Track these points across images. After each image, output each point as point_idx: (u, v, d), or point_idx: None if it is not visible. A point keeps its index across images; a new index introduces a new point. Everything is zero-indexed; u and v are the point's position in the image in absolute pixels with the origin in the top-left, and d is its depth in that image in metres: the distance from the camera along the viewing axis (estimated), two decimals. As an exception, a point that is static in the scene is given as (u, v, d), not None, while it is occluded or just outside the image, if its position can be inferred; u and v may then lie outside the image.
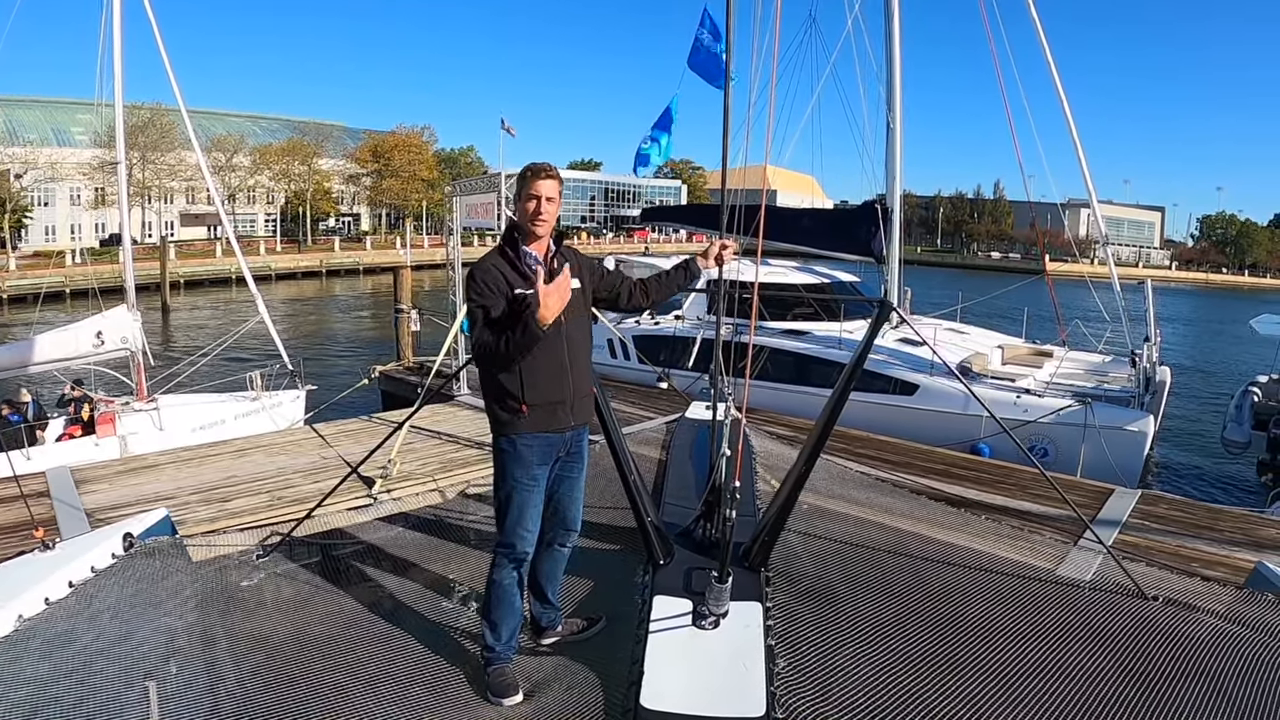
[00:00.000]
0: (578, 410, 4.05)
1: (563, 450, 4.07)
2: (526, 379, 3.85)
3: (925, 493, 7.77)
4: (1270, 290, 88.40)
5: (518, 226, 4.00)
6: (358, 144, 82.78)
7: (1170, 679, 3.96)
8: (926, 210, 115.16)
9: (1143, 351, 11.76)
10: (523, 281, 3.86)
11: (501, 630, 4.03)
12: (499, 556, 4.04)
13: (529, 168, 3.98)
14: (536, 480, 3.98)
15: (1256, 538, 7.19)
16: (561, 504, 4.18)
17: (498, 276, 3.87)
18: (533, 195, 3.92)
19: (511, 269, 3.91)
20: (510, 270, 3.90)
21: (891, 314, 12.70)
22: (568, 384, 3.96)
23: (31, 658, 4.00)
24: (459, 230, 11.86)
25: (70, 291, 34.34)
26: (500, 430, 3.96)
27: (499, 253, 3.99)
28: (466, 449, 9.30)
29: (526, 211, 3.93)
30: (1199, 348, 37.63)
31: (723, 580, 3.95)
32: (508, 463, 3.96)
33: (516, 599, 4.09)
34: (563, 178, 4.08)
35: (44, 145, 62.80)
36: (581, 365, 4.05)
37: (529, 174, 3.96)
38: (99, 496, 7.70)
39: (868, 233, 14.37)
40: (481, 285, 3.85)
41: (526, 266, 3.92)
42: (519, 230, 3.99)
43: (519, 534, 3.99)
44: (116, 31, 13.06)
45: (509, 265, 3.92)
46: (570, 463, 4.14)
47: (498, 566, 4.04)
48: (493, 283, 3.85)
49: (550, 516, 4.15)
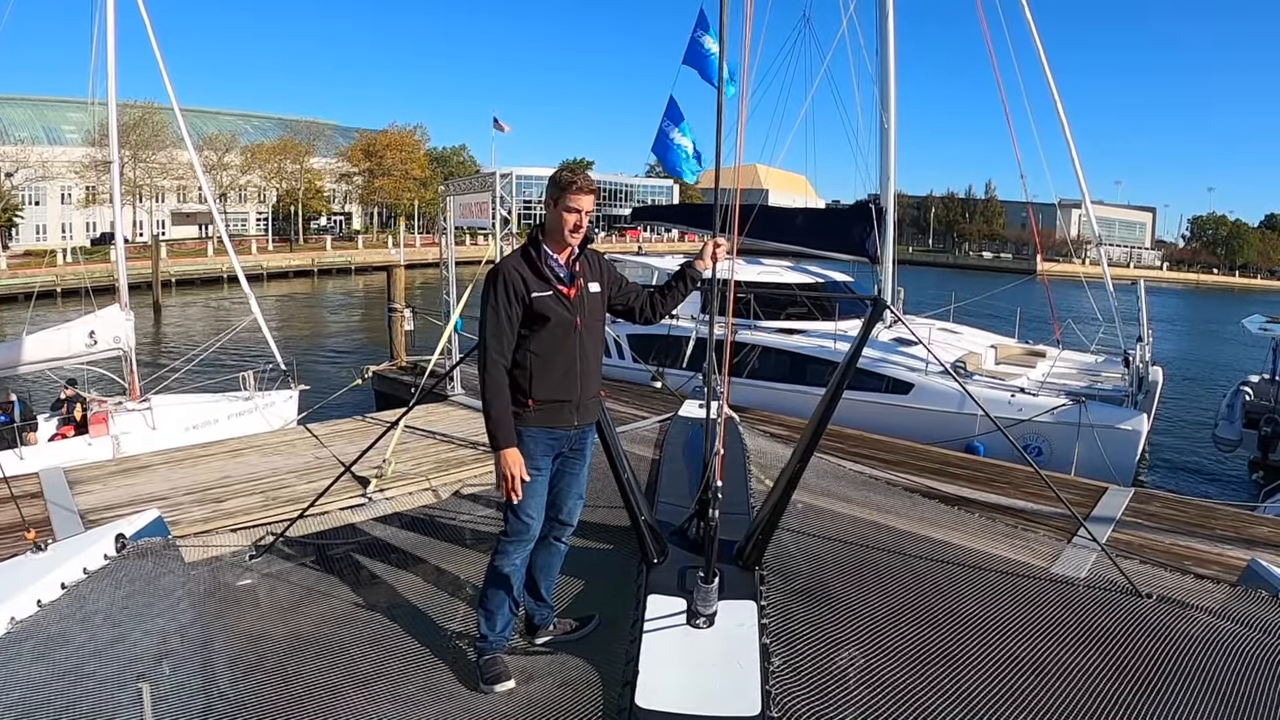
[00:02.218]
0: (584, 411, 4.10)
1: (566, 446, 4.12)
2: (536, 376, 3.91)
3: (920, 491, 7.79)
4: (1261, 291, 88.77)
5: (546, 230, 4.00)
6: (350, 143, 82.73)
7: (1164, 676, 3.97)
8: (918, 210, 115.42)
9: (1135, 351, 11.81)
10: (541, 284, 3.90)
11: (497, 619, 4.09)
12: (502, 543, 4.07)
13: (568, 178, 3.95)
14: (540, 470, 4.00)
15: (1248, 535, 7.23)
16: (559, 497, 4.21)
17: (518, 280, 3.88)
18: (573, 209, 3.91)
19: (532, 271, 3.93)
20: (530, 273, 3.92)
21: (886, 313, 12.73)
22: (577, 385, 4.00)
23: (24, 660, 3.97)
24: (452, 229, 11.83)
25: (62, 291, 34.23)
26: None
27: (522, 254, 3.99)
28: (461, 448, 9.29)
29: (564, 224, 3.92)
30: (1190, 348, 37.77)
31: (709, 580, 3.96)
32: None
33: (514, 588, 4.12)
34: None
35: (35, 144, 62.50)
36: (592, 368, 4.08)
37: (569, 185, 3.92)
38: (93, 497, 7.68)
39: (861, 232, 14.40)
40: (501, 293, 3.86)
41: (548, 269, 3.94)
42: (545, 232, 4.00)
43: (522, 519, 4.01)
44: (110, 29, 13.02)
45: (529, 267, 3.93)
46: (573, 459, 4.19)
47: (500, 553, 4.07)
48: (513, 290, 3.86)
49: (547, 510, 4.16)
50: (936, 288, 30.10)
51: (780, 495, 4.67)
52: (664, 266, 16.25)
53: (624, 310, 4.38)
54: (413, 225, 79.09)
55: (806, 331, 13.81)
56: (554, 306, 3.92)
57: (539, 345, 3.91)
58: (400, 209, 79.81)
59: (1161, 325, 34.42)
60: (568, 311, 3.96)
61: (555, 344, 3.93)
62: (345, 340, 31.80)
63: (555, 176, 3.98)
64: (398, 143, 79.52)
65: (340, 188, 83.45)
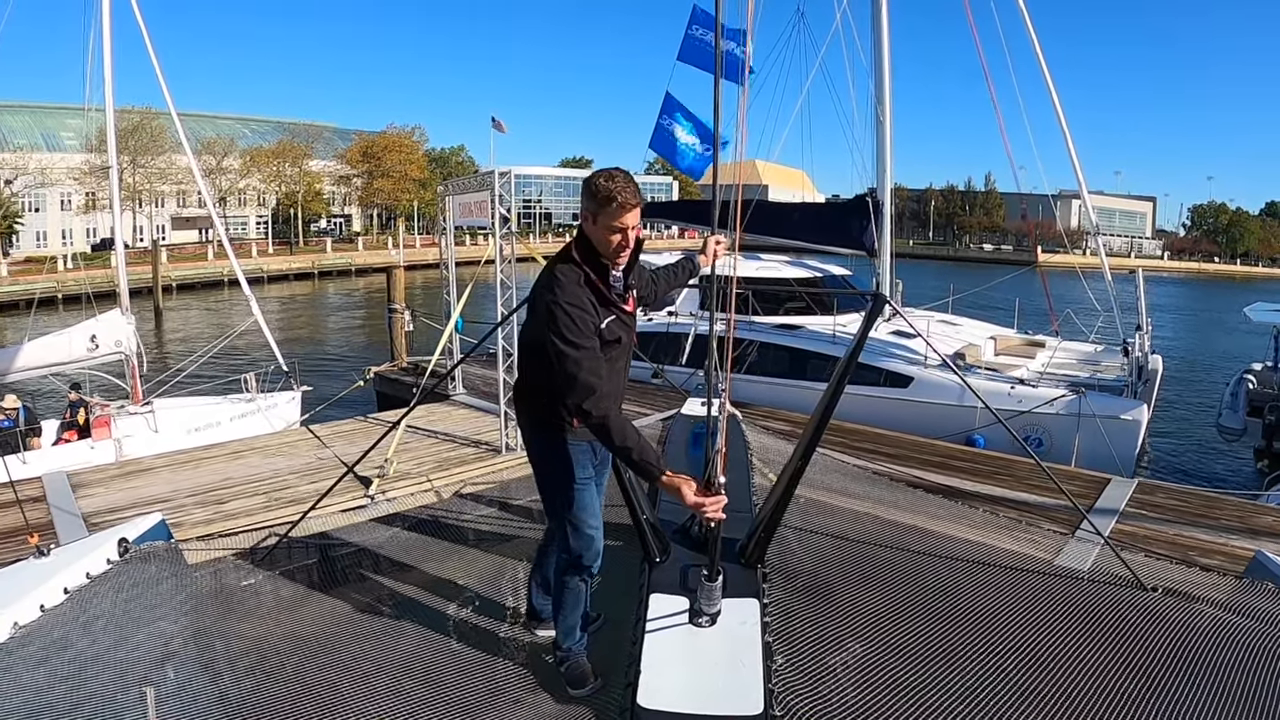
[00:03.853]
0: None
1: (600, 457, 3.94)
2: None
3: (922, 485, 7.78)
4: (1262, 279, 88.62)
5: (589, 245, 3.53)
6: (348, 145, 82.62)
7: (1170, 670, 3.95)
8: (917, 203, 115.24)
9: (1135, 341, 11.79)
10: (606, 310, 3.50)
11: (576, 630, 4.01)
12: (571, 562, 3.93)
13: (613, 193, 3.39)
14: (590, 478, 3.85)
15: (1253, 525, 7.23)
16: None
17: (588, 308, 3.42)
18: (617, 227, 3.43)
19: (597, 297, 3.49)
20: (596, 300, 3.48)
21: (885, 306, 12.72)
22: (618, 398, 3.74)
23: (27, 664, 3.97)
24: (452, 229, 11.83)
25: (63, 297, 34.27)
26: (542, 431, 3.82)
27: (582, 277, 3.48)
28: (463, 448, 9.30)
29: (609, 244, 3.45)
30: (1191, 337, 37.73)
31: (712, 578, 3.94)
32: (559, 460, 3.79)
33: (587, 600, 4.04)
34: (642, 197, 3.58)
35: (34, 151, 62.51)
36: (625, 384, 3.84)
37: (613, 202, 3.38)
38: (96, 500, 7.69)
39: (859, 226, 14.39)
40: (578, 326, 3.35)
41: (615, 294, 3.56)
42: (589, 246, 3.53)
43: (586, 534, 3.86)
44: (106, 36, 13.03)
45: (593, 293, 3.48)
46: (601, 468, 4.04)
47: (572, 571, 3.94)
48: (587, 321, 3.39)
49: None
50: (936, 280, 30.04)
51: (782, 492, 4.65)
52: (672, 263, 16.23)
53: (639, 302, 4.09)
54: (412, 226, 79.10)
55: (805, 327, 13.80)
56: (618, 329, 3.58)
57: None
58: (400, 210, 79.78)
59: (1163, 315, 34.44)
60: (627, 330, 3.68)
61: (611, 365, 3.57)
62: (346, 341, 31.83)
63: (593, 186, 3.43)
64: (396, 144, 79.50)
65: (339, 190, 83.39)
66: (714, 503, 3.42)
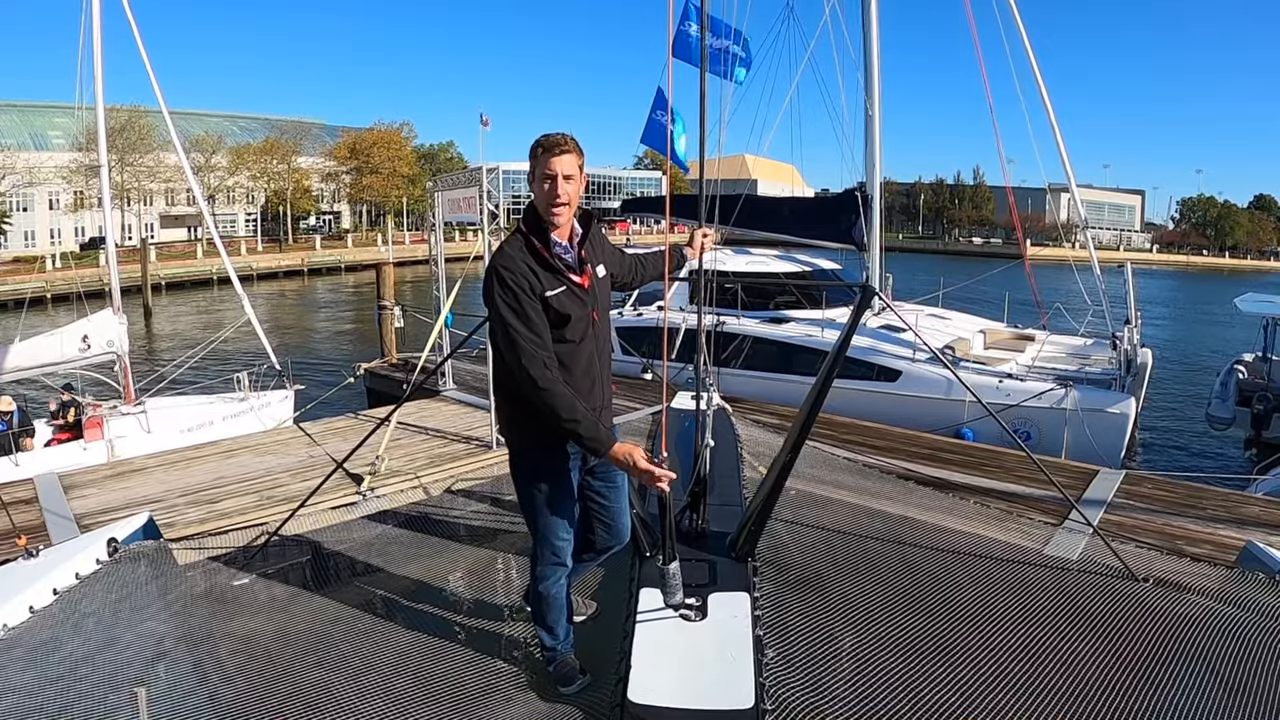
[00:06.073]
0: (604, 420, 3.62)
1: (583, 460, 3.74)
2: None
3: (912, 477, 7.81)
4: (1250, 271, 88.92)
5: (537, 213, 3.43)
6: (336, 141, 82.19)
7: (1161, 659, 3.97)
8: (907, 197, 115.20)
9: (1123, 334, 11.84)
10: (552, 277, 3.38)
11: (558, 630, 3.89)
12: (538, 569, 3.81)
13: (540, 142, 3.36)
14: (565, 486, 3.70)
15: (1240, 515, 7.28)
16: (607, 515, 3.95)
17: (528, 274, 3.33)
18: (547, 175, 3.34)
19: (539, 263, 3.38)
20: (539, 266, 3.37)
21: (874, 300, 12.74)
22: (596, 390, 3.61)
23: (16, 666, 3.96)
24: (441, 225, 11.81)
25: (52, 296, 34.08)
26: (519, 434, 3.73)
27: (524, 243, 3.41)
28: (453, 443, 9.31)
29: (543, 195, 3.36)
30: (1180, 330, 37.84)
31: (666, 562, 3.76)
32: (528, 467, 3.72)
33: (564, 602, 3.90)
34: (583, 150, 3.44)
35: (21, 150, 62.09)
36: (606, 367, 3.68)
37: (539, 150, 3.35)
38: (88, 501, 7.68)
39: (848, 220, 14.42)
40: (514, 290, 3.29)
41: (557, 259, 3.42)
42: (537, 215, 3.43)
43: (554, 543, 3.73)
44: (96, 34, 12.96)
45: (535, 259, 3.38)
46: (609, 470, 3.80)
47: (539, 579, 3.80)
48: (525, 285, 3.31)
49: (597, 528, 3.95)
50: (926, 273, 30.13)
51: (772, 485, 4.66)
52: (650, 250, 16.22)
53: (621, 284, 4.02)
54: (402, 223, 78.84)
55: (795, 320, 13.81)
56: (570, 303, 3.42)
57: (557, 351, 3.40)
58: (389, 206, 79.52)
59: (1152, 308, 34.59)
60: (583, 305, 3.49)
61: (573, 347, 3.45)
62: (337, 339, 31.75)
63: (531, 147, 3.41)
64: (384, 140, 79.11)
65: (328, 187, 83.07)
66: (663, 473, 3.33)
